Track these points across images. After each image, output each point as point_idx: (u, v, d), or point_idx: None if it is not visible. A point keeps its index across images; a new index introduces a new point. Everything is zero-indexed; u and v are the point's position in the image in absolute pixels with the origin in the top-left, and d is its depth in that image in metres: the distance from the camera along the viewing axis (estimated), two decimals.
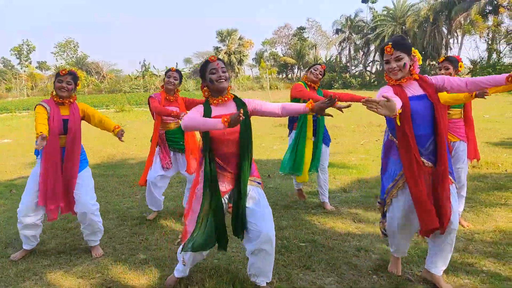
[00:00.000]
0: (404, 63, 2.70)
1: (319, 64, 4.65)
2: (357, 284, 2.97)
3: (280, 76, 56.44)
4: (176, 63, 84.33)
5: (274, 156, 8.11)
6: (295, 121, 4.57)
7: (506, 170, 6.14)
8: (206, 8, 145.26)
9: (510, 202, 4.64)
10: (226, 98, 2.73)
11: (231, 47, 55.84)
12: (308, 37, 53.65)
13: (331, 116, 2.76)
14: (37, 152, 3.59)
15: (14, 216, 3.94)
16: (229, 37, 55.88)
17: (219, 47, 56.84)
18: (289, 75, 57.43)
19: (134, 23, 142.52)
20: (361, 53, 48.02)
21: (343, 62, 49.43)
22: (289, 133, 4.71)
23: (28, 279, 3.18)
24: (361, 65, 48.48)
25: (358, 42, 47.30)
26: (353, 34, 46.77)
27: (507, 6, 30.84)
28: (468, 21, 33.17)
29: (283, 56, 55.52)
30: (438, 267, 2.85)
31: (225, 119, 2.33)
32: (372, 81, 44.35)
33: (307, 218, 4.38)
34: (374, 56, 46.85)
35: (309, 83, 4.53)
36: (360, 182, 5.86)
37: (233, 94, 2.82)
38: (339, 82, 42.56)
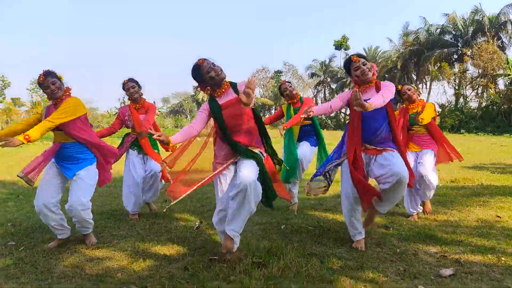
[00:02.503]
0: (370, 65, 3.40)
1: (281, 84, 5.16)
2: (364, 254, 3.38)
3: None
4: (154, 101, 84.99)
5: None
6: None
7: (481, 183, 6.76)
8: (185, 46, 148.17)
9: (488, 204, 5.18)
10: (224, 89, 3.14)
11: None
12: (285, 80, 55.59)
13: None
14: None
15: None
16: None
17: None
18: (267, 115, 58.72)
19: (111, 60, 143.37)
20: (336, 95, 49.95)
21: (319, 104, 51.18)
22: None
23: (64, 252, 3.44)
24: None
25: (333, 86, 49.36)
26: (328, 78, 48.82)
27: (470, 55, 33.25)
28: (436, 68, 35.44)
29: (261, 97, 57.00)
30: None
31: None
32: (346, 122, 45.96)
33: (309, 213, 4.78)
34: None
35: (289, 101, 5.06)
36: None
37: (229, 82, 3.19)
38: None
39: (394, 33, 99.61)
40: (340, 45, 47.91)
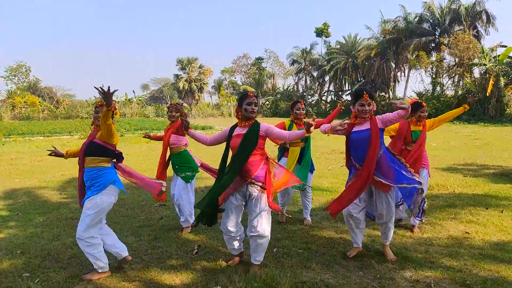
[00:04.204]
0: (372, 107, 3.87)
1: (299, 101, 5.43)
2: (348, 277, 3.81)
3: None
4: (133, 90, 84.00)
5: None
6: (286, 150, 5.42)
7: (454, 191, 7.31)
8: (164, 35, 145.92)
9: (458, 216, 5.70)
10: (248, 124, 3.84)
11: (191, 75, 56.79)
12: (266, 67, 55.71)
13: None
14: None
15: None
16: (189, 65, 56.89)
17: (180, 75, 57.64)
18: None
19: (89, 48, 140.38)
20: (317, 83, 50.43)
21: (300, 92, 51.59)
22: (279, 160, 5.56)
23: (78, 283, 3.76)
24: (316, 95, 50.79)
25: (314, 73, 49.78)
26: (309, 65, 49.16)
27: (447, 44, 34.05)
28: (414, 56, 36.19)
29: (242, 84, 57.06)
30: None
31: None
32: (327, 110, 46.59)
33: (297, 231, 5.20)
34: (329, 87, 49.40)
35: (295, 120, 5.41)
36: None
37: (255, 121, 3.86)
38: None
39: (374, 22, 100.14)
40: (321, 32, 48.17)
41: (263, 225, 3.77)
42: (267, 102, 51.82)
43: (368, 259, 4.24)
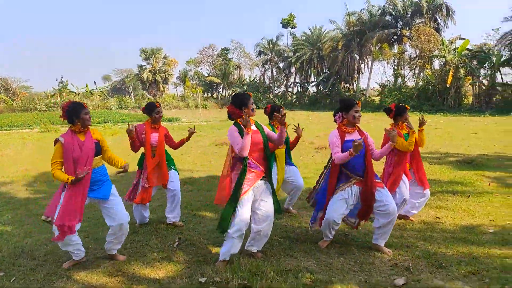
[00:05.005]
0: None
1: (281, 106, 5.44)
2: (330, 264, 3.91)
3: (206, 95, 57.27)
4: (95, 81, 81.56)
5: None
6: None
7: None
8: (128, 24, 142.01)
9: (428, 202, 5.79)
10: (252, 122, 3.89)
11: (156, 65, 55.66)
12: (232, 58, 55.39)
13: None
14: None
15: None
16: (153, 56, 55.71)
17: (143, 65, 56.35)
18: (215, 95, 58.50)
19: (45, 40, 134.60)
20: (283, 74, 50.72)
21: (266, 83, 51.75)
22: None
23: (57, 280, 3.66)
24: (283, 86, 51.11)
25: (280, 64, 50.01)
26: (275, 56, 49.32)
27: (409, 36, 35.06)
28: (377, 48, 37.07)
29: (208, 75, 56.55)
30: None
31: None
32: (293, 101, 47.06)
33: (277, 222, 5.25)
34: (295, 78, 49.81)
35: (276, 125, 5.38)
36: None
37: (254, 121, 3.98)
38: (264, 102, 44.50)
39: (340, 14, 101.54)
40: (287, 23, 48.37)
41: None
42: (234, 94, 51.65)
43: (348, 246, 4.35)
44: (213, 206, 6.04)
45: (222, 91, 57.84)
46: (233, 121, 3.92)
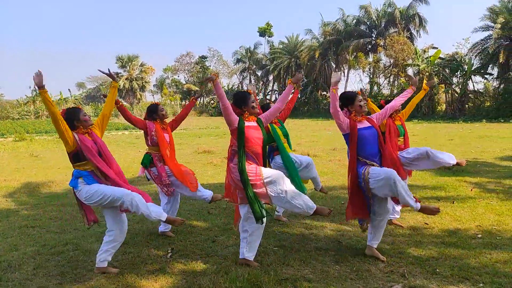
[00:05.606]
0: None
1: (270, 101, 5.54)
2: (326, 272, 3.91)
3: (184, 103, 56.92)
4: (69, 89, 79.92)
5: (214, 181, 8.85)
6: (275, 150, 5.23)
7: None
8: (101, 31, 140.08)
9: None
10: (253, 118, 4.06)
11: (132, 73, 55.02)
12: (210, 65, 55.33)
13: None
14: None
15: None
16: (130, 63, 55.08)
17: (120, 73, 55.59)
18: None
19: (17, 45, 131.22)
20: (261, 82, 51.01)
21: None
22: (271, 161, 5.28)
23: None
24: (261, 94, 51.34)
25: (258, 72, 50.30)
26: (253, 64, 49.59)
27: (383, 45, 35.90)
28: (353, 57, 37.80)
29: (186, 83, 56.28)
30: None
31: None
32: None
33: (270, 230, 5.24)
34: (273, 86, 50.16)
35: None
36: None
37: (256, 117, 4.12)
38: None
39: (316, 23, 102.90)
40: (264, 31, 48.80)
41: None
42: (212, 102, 51.57)
43: (342, 253, 4.37)
44: (203, 215, 6.00)
45: (200, 98, 57.63)
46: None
